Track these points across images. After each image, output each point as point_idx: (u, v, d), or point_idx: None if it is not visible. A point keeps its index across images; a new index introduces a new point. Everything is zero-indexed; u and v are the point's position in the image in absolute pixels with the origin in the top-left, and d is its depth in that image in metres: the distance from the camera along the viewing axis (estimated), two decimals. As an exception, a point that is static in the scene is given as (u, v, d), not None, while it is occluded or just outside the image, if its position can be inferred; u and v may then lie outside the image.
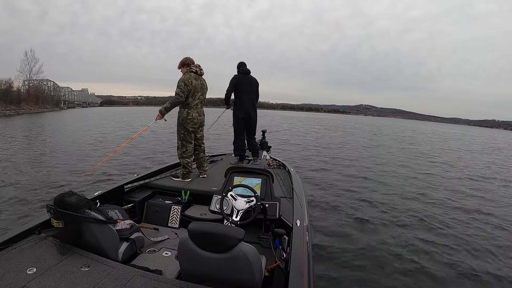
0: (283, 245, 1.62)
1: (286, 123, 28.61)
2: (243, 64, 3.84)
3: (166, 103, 3.01)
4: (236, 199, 1.82)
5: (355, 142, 14.45)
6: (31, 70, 45.37)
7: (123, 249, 1.65)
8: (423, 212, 4.33)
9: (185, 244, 1.23)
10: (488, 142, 25.31)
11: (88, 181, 5.08)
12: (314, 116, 77.34)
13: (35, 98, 43.83)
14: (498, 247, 3.30)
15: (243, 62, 3.86)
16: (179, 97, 2.93)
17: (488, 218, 4.24)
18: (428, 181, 6.60)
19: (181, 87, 2.92)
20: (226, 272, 1.22)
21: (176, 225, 2.32)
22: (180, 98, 2.94)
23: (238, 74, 3.79)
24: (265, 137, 4.97)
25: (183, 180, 2.93)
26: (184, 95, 2.94)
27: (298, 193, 2.35)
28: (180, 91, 2.92)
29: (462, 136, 30.70)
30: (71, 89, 77.80)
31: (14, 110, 33.18)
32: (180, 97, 2.93)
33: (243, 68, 3.81)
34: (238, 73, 3.80)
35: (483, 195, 5.71)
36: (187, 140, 3.06)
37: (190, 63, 3.06)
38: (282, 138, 14.52)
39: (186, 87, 2.93)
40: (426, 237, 3.45)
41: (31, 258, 1.36)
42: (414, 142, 17.38)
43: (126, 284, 1.23)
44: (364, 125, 36.92)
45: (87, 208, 1.50)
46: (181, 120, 3.01)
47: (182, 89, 2.92)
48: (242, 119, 3.80)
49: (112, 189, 2.35)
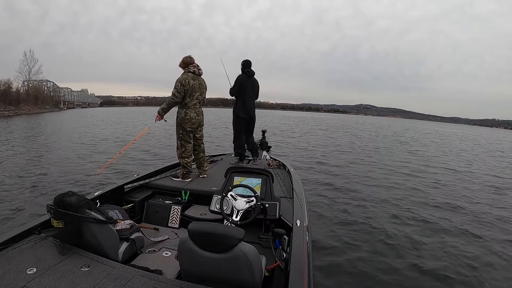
0: (283, 245, 1.62)
1: (285, 124, 28.19)
2: (248, 64, 3.76)
3: (163, 104, 3.05)
4: (236, 199, 1.83)
5: (358, 143, 14.27)
6: (30, 71, 45.42)
7: (123, 249, 1.65)
8: (428, 214, 4.27)
9: (185, 244, 1.23)
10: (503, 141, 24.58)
11: (88, 181, 5.08)
12: (314, 116, 77.19)
13: (34, 98, 43.73)
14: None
15: (249, 62, 3.77)
16: (175, 97, 2.94)
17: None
18: (434, 181, 6.60)
19: (177, 88, 2.92)
20: (226, 272, 1.22)
21: (176, 225, 2.32)
22: (175, 99, 2.95)
23: (243, 75, 3.73)
24: (265, 137, 4.98)
25: (183, 180, 2.93)
26: (180, 95, 2.94)
27: (298, 193, 2.36)
28: (176, 92, 2.93)
29: (474, 137, 29.72)
30: (71, 90, 77.78)
31: (13, 111, 33.09)
32: (176, 97, 2.94)
33: (249, 69, 3.75)
34: (242, 73, 3.74)
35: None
36: (186, 140, 3.06)
37: (189, 62, 3.05)
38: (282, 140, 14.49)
39: (183, 88, 2.93)
40: (431, 239, 3.42)
41: (31, 258, 1.36)
42: (417, 144, 16.79)
43: (126, 284, 1.23)
44: (366, 125, 36.68)
45: (87, 208, 1.51)
46: (179, 120, 3.02)
47: (178, 89, 2.92)
48: (243, 119, 3.80)
49: (112, 189, 2.35)
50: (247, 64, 3.77)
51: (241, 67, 3.78)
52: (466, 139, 25.13)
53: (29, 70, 45.16)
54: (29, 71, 45.14)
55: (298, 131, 20.22)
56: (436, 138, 22.82)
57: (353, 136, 18.34)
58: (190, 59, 3.06)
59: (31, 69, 45.33)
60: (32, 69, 45.44)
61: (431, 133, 29.10)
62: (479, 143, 21.01)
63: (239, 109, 3.78)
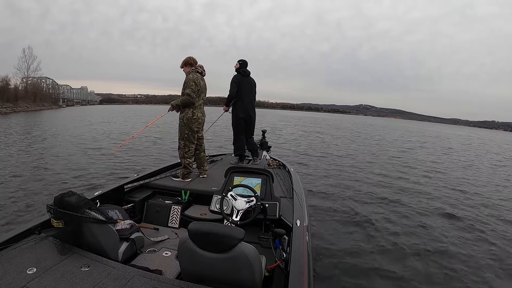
0: (283, 245, 1.62)
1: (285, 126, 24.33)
2: (245, 64, 3.78)
3: (177, 100, 3.03)
4: (236, 199, 1.83)
5: (359, 144, 14.13)
6: (29, 68, 45.09)
7: (123, 249, 1.65)
8: (430, 215, 4.26)
9: (185, 244, 1.23)
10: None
11: (88, 180, 5.07)
12: (313, 116, 76.96)
13: (33, 95, 43.48)
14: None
15: (245, 62, 3.79)
16: (191, 97, 2.92)
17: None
18: (438, 182, 6.60)
19: (192, 87, 2.90)
20: (226, 272, 1.22)
21: (176, 225, 2.32)
22: (191, 99, 2.93)
23: (238, 75, 3.74)
24: (265, 137, 4.98)
25: (183, 180, 2.93)
26: (195, 95, 2.93)
27: (298, 193, 2.36)
28: (191, 92, 2.90)
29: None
30: (70, 87, 77.21)
31: (11, 108, 32.92)
32: (192, 97, 2.92)
33: (244, 69, 3.76)
34: (238, 73, 3.75)
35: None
36: (191, 141, 3.05)
37: (194, 63, 3.05)
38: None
39: (197, 87, 2.93)
40: (432, 239, 3.42)
41: (31, 258, 1.35)
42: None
43: (126, 284, 1.23)
44: (367, 126, 36.18)
45: (87, 208, 1.50)
46: (186, 120, 2.99)
47: (193, 89, 2.90)
48: (243, 119, 3.80)
49: (112, 189, 2.34)
50: (243, 64, 3.78)
51: (237, 67, 3.77)
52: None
53: (28, 67, 44.97)
54: (27, 68, 44.97)
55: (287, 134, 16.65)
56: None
57: (358, 137, 17.61)
58: (194, 59, 3.06)
59: (29, 66, 45.13)
60: (30, 66, 45.26)
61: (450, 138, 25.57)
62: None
63: (238, 110, 3.78)
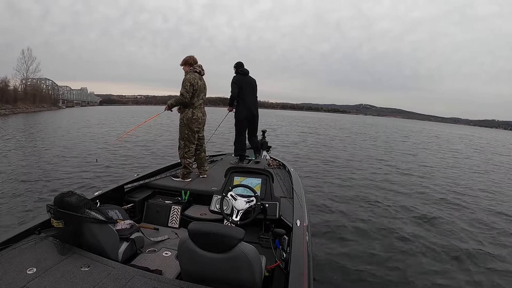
0: (283, 245, 1.62)
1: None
2: (241, 65, 3.82)
3: (172, 100, 3.09)
4: (236, 199, 1.83)
5: (359, 144, 14.09)
6: (28, 69, 44.99)
7: (123, 249, 1.65)
8: (427, 213, 4.27)
9: (185, 244, 1.23)
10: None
11: (88, 179, 5.07)
12: (313, 116, 76.90)
13: (32, 97, 43.45)
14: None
15: (241, 63, 3.83)
16: (184, 97, 2.93)
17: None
18: (441, 182, 6.60)
19: (187, 87, 2.91)
20: (226, 272, 1.22)
21: (176, 225, 2.32)
22: (184, 99, 2.94)
23: (238, 75, 3.77)
24: (265, 137, 4.98)
25: (183, 180, 2.93)
26: (188, 95, 2.93)
27: (298, 193, 2.36)
28: (185, 91, 2.91)
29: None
30: (70, 88, 77.23)
31: (10, 109, 32.88)
32: (185, 97, 2.93)
33: (242, 69, 3.79)
34: (237, 74, 3.78)
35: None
36: (191, 141, 3.05)
37: (193, 62, 3.05)
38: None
39: (192, 88, 2.93)
40: (432, 239, 3.41)
41: (31, 258, 1.35)
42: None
43: (126, 284, 1.23)
44: (367, 125, 36.14)
45: (87, 208, 1.50)
46: (186, 120, 3.00)
47: (187, 89, 2.91)
48: (246, 118, 3.81)
49: (112, 189, 2.34)
50: (239, 64, 3.81)
51: (235, 70, 3.82)
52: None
53: (27, 68, 44.90)
54: (27, 69, 44.89)
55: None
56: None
57: (360, 136, 17.42)
58: (194, 59, 3.06)
59: (28, 67, 45.05)
60: (30, 67, 45.18)
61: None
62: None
63: (240, 109, 3.79)
